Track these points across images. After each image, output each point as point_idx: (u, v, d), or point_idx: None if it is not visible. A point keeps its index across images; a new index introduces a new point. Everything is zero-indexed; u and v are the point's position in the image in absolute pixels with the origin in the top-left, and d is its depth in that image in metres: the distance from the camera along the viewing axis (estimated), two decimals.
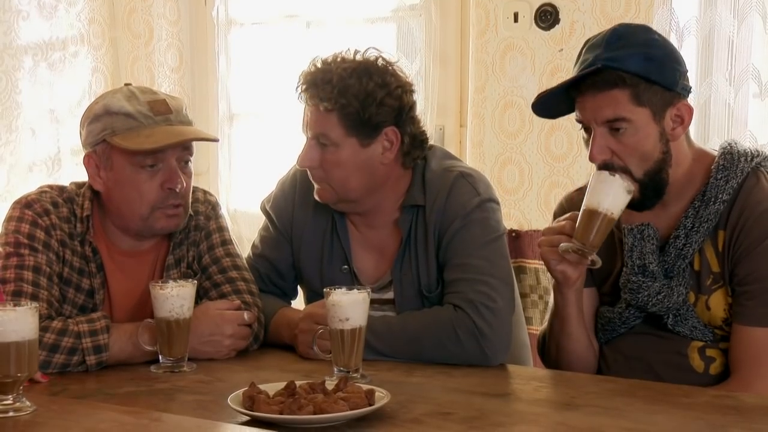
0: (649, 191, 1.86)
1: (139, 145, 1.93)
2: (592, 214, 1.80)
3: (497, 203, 2.07)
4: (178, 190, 1.97)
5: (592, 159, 1.85)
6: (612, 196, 1.80)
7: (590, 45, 1.87)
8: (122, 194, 1.97)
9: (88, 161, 2.00)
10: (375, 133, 2.00)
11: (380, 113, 1.99)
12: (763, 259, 1.81)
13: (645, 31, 1.90)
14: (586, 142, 1.87)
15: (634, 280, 1.90)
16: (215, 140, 2.09)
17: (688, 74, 1.89)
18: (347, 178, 2.01)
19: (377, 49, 2.05)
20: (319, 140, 2.00)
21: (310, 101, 2.01)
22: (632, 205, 1.87)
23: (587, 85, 1.83)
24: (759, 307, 1.81)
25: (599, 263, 1.82)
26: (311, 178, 2.06)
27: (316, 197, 2.07)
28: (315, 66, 2.03)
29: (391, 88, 2.00)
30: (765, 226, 1.81)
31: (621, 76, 1.80)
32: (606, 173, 1.81)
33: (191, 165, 2.02)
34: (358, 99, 1.97)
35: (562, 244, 1.82)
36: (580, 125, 1.89)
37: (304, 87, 2.02)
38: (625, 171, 1.84)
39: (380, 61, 2.03)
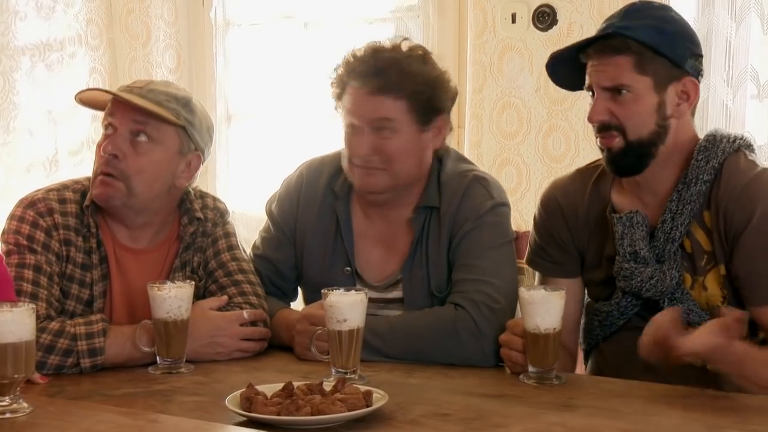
0: (631, 156, 1.88)
1: (81, 95, 2.00)
2: (537, 338, 1.77)
3: (509, 208, 2.09)
4: (102, 152, 1.96)
5: (590, 119, 1.89)
6: (548, 313, 1.77)
7: (609, 17, 1.92)
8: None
9: None
10: (433, 119, 2.03)
11: (443, 100, 2.03)
12: (755, 238, 1.82)
13: (663, 8, 1.97)
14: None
15: (626, 267, 1.92)
16: (163, 119, 1.96)
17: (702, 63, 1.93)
18: (404, 164, 2.01)
19: (408, 39, 2.07)
20: (377, 127, 1.99)
21: (370, 88, 1.97)
22: (609, 165, 1.91)
23: (595, 49, 1.88)
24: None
25: (564, 380, 1.79)
26: (359, 167, 2.02)
27: (362, 187, 2.05)
28: (368, 54, 2.00)
29: (448, 76, 2.05)
30: (747, 207, 1.83)
31: (627, 43, 1.85)
32: (534, 293, 1.79)
33: (144, 142, 1.96)
34: (429, 86, 2.00)
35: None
36: (589, 92, 1.92)
37: (363, 75, 1.98)
38: (620, 130, 1.87)
39: (422, 51, 2.05)
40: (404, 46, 2.03)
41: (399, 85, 1.97)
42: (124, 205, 1.98)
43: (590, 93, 1.91)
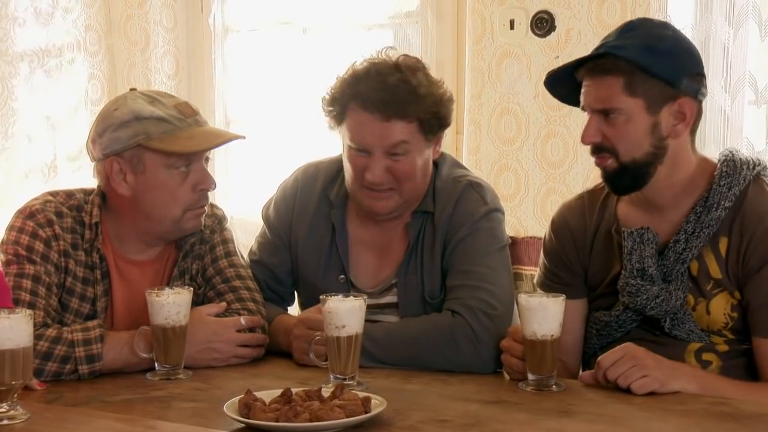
0: (627, 177, 1.87)
1: (186, 148, 1.94)
2: (534, 344, 1.77)
3: (503, 213, 2.09)
4: (212, 190, 2.00)
5: (582, 140, 1.89)
6: (545, 319, 1.76)
7: (607, 35, 1.90)
8: (154, 197, 1.96)
9: (110, 166, 1.96)
10: (440, 134, 2.03)
11: (451, 112, 2.03)
12: None
13: (660, 26, 1.93)
14: None
15: (632, 283, 1.91)
16: (243, 137, 2.08)
17: (705, 81, 1.90)
18: (416, 181, 2.02)
19: (393, 48, 2.06)
20: (391, 152, 1.97)
21: (387, 114, 1.94)
22: (606, 183, 1.91)
23: (587, 69, 1.87)
24: None
25: (564, 387, 1.78)
26: (369, 190, 2.00)
27: (371, 209, 2.03)
28: (373, 75, 1.96)
29: (446, 85, 2.05)
30: None
31: (617, 63, 1.82)
32: (531, 299, 1.78)
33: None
34: (439, 104, 1.99)
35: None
36: (585, 111, 1.91)
37: (377, 99, 1.93)
38: (613, 152, 1.86)
39: (420, 63, 2.04)
40: (403, 62, 2.00)
41: (413, 109, 1.94)
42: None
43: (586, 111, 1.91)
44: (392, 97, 1.94)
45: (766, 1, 2.90)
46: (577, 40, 3.17)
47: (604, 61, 1.84)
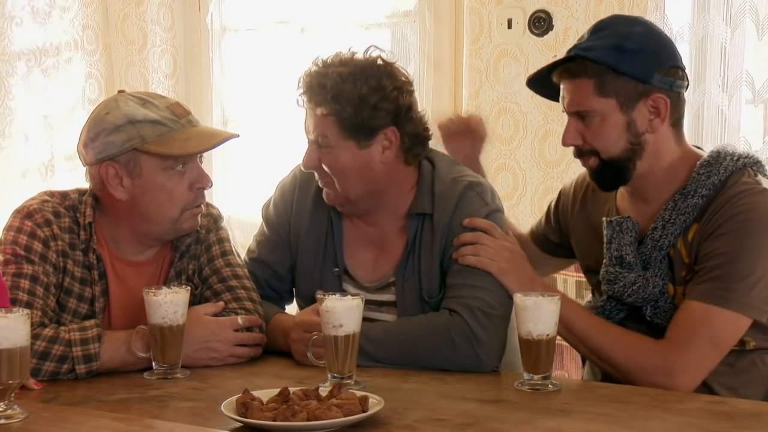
0: (609, 172, 1.91)
1: (183, 150, 1.94)
2: (529, 344, 1.76)
3: (503, 212, 2.10)
4: (208, 188, 2.00)
5: (562, 143, 1.94)
6: (540, 318, 1.76)
7: (581, 36, 1.94)
8: (152, 200, 1.96)
9: (106, 171, 1.95)
10: (372, 135, 2.00)
11: (375, 117, 1.99)
12: (722, 240, 1.82)
13: (629, 23, 1.94)
14: None
15: (611, 271, 1.93)
16: (237, 135, 2.09)
17: (681, 72, 1.90)
18: (347, 179, 2.02)
19: (378, 48, 2.05)
20: (318, 143, 2.02)
21: (307, 104, 2.02)
22: (593, 182, 1.97)
23: (558, 73, 1.91)
24: (703, 284, 1.83)
25: (559, 386, 1.77)
26: (318, 181, 2.07)
27: (325, 199, 2.08)
28: (315, 67, 2.04)
29: (386, 91, 1.99)
30: (731, 210, 1.83)
31: (585, 66, 1.86)
32: (526, 299, 1.78)
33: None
34: (352, 104, 1.97)
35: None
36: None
37: (302, 90, 2.03)
38: (593, 153, 1.90)
39: (379, 62, 2.03)
40: (357, 58, 2.01)
41: (322, 102, 1.98)
42: None
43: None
44: (312, 87, 2.00)
45: (764, 0, 2.91)
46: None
47: (573, 64, 1.87)
